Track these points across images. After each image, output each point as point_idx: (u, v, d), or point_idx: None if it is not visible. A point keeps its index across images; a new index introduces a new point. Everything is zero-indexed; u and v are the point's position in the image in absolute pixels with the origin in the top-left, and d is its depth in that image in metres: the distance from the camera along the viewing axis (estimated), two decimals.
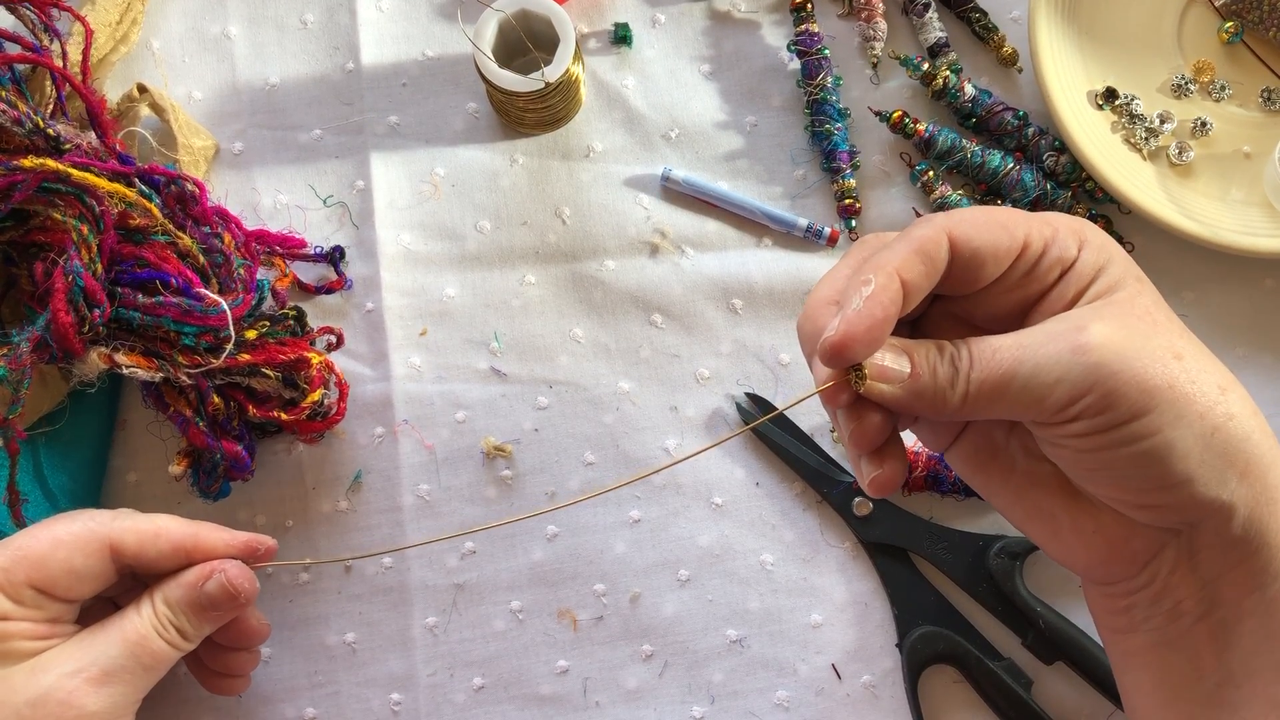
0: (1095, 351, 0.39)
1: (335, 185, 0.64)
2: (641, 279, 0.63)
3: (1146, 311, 0.41)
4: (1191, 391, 0.40)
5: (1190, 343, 0.42)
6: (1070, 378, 0.39)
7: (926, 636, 0.59)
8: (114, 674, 0.46)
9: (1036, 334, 0.40)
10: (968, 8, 0.65)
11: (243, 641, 0.52)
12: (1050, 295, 0.42)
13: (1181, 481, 0.40)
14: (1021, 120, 0.63)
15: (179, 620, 0.48)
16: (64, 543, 0.47)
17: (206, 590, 0.49)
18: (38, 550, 0.46)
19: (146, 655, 0.47)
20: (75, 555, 0.47)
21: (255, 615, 0.52)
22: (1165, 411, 0.39)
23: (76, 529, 0.47)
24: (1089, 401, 0.39)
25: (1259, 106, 0.64)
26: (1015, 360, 0.40)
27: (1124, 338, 0.40)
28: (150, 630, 0.48)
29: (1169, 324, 0.42)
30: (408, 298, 0.63)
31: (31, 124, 0.54)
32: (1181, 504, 0.41)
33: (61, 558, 0.46)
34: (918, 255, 0.41)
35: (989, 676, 0.58)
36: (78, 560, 0.47)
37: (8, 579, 0.46)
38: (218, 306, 0.55)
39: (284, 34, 0.66)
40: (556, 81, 0.60)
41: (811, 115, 0.64)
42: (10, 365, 0.52)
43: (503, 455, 0.62)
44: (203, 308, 0.54)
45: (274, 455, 0.62)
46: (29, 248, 0.56)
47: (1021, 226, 0.42)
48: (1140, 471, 0.40)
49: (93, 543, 0.47)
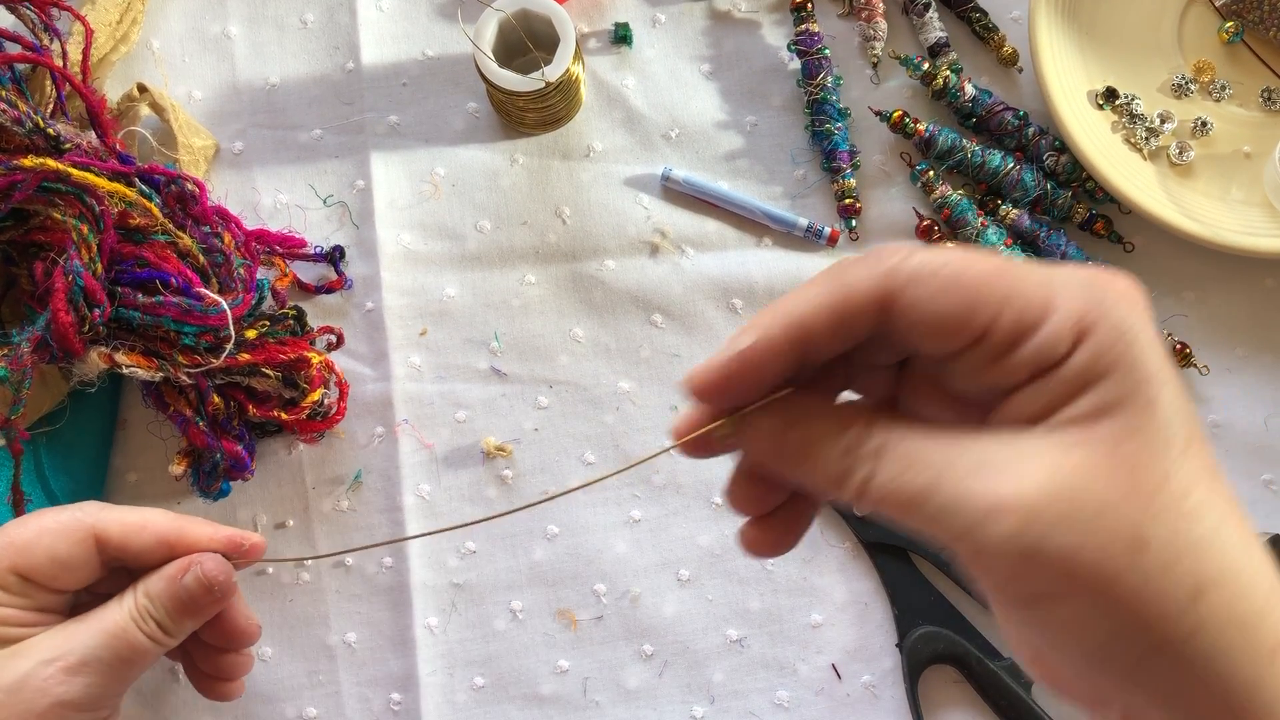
0: (1012, 516, 0.29)
1: (335, 185, 0.64)
2: (642, 279, 0.63)
3: (1136, 458, 0.30)
4: (1141, 596, 0.29)
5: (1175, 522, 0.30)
6: (980, 536, 0.29)
7: (926, 636, 0.59)
8: (91, 664, 0.46)
9: (969, 455, 0.30)
10: (968, 8, 0.65)
11: (231, 642, 0.52)
12: (1023, 393, 0.31)
13: (1111, 700, 0.31)
14: (1022, 120, 0.63)
15: (159, 613, 0.48)
16: (49, 530, 0.47)
17: (184, 583, 0.48)
18: (22, 537, 0.47)
19: (125, 648, 0.47)
20: (59, 543, 0.47)
21: (244, 614, 0.52)
22: (1099, 617, 0.29)
23: (63, 518, 0.47)
24: (1002, 573, 0.30)
25: (1259, 106, 0.64)
26: (928, 486, 0.30)
27: (1069, 502, 0.29)
28: (130, 622, 0.47)
29: (1162, 484, 0.30)
30: (408, 297, 0.63)
31: (31, 123, 0.54)
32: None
33: (46, 544, 0.46)
34: (830, 310, 0.32)
35: (989, 676, 0.58)
36: (61, 548, 0.47)
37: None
38: (218, 306, 0.55)
39: (284, 33, 0.66)
40: (556, 81, 0.60)
41: (812, 115, 0.64)
42: (11, 365, 0.52)
43: (503, 455, 0.62)
44: (203, 307, 0.54)
45: (274, 455, 0.62)
46: (29, 247, 0.56)
47: (995, 301, 0.31)
48: (1065, 665, 0.31)
49: (77, 531, 0.47)
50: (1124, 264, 0.63)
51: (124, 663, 0.47)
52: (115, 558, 0.48)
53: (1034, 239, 0.62)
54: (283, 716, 0.60)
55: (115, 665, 0.47)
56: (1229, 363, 0.63)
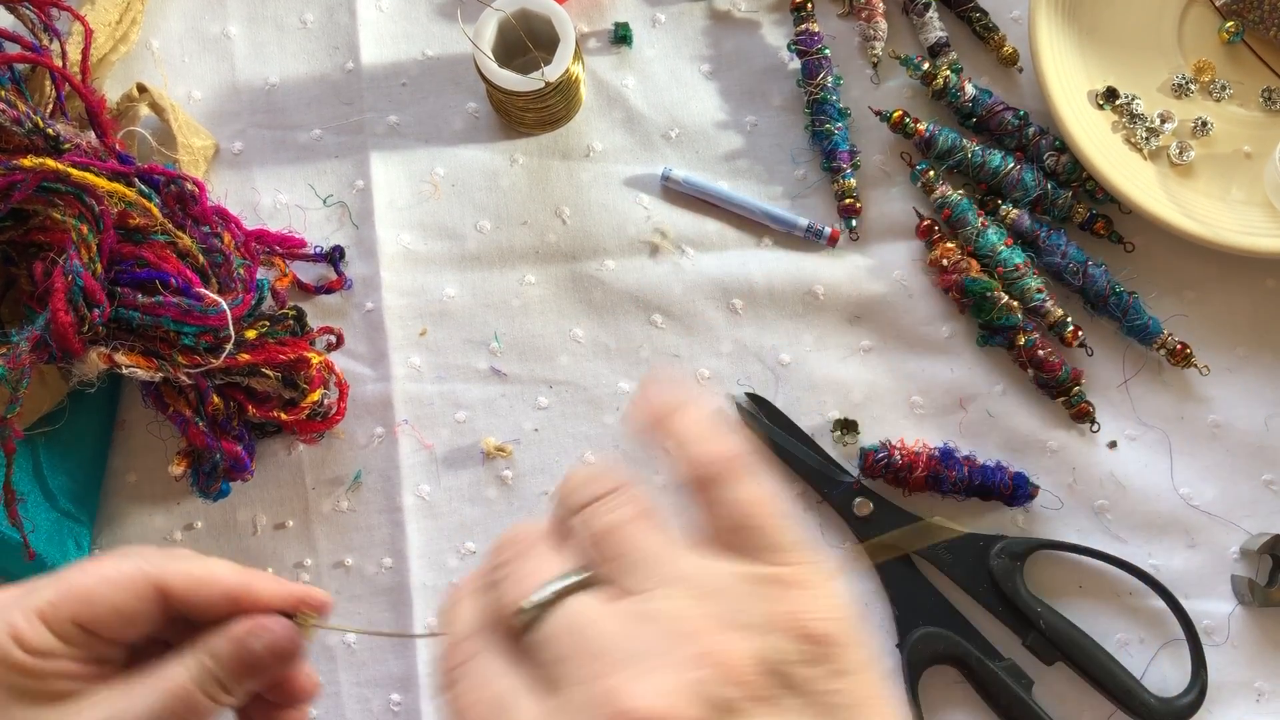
0: None
1: (335, 185, 0.64)
2: (641, 279, 0.63)
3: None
4: None
5: None
6: None
7: (927, 637, 0.59)
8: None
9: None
10: (968, 7, 0.65)
11: (290, 699, 0.49)
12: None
13: None
14: (1022, 120, 0.63)
15: (222, 675, 0.46)
16: (112, 581, 0.44)
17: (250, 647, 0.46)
18: (84, 586, 0.44)
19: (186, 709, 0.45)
20: (122, 595, 0.44)
21: (304, 672, 0.50)
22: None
23: (127, 569, 0.45)
24: None
25: (1259, 106, 0.64)
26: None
27: None
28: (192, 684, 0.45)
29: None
30: (408, 297, 0.63)
31: (31, 124, 0.54)
32: None
33: (108, 596, 0.44)
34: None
35: (989, 677, 0.58)
36: (124, 600, 0.44)
37: (54, 613, 0.44)
38: (217, 306, 0.55)
39: (284, 33, 0.66)
40: (556, 81, 0.60)
41: (812, 115, 0.64)
42: (9, 365, 0.51)
43: (503, 455, 0.62)
44: (202, 307, 0.54)
45: (274, 455, 0.62)
46: (28, 247, 0.56)
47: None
48: None
49: (142, 584, 0.45)
50: (1124, 264, 0.63)
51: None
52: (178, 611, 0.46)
53: (1034, 239, 0.62)
54: None
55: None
56: (1229, 363, 0.63)
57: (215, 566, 0.46)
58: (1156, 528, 0.61)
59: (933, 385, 0.62)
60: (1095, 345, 0.62)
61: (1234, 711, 0.60)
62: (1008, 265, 0.62)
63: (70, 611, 0.43)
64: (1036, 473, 0.61)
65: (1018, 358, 0.62)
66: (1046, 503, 0.61)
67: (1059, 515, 0.61)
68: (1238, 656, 0.60)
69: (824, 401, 0.62)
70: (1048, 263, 0.62)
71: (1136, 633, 0.60)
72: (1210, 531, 0.61)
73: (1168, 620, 0.60)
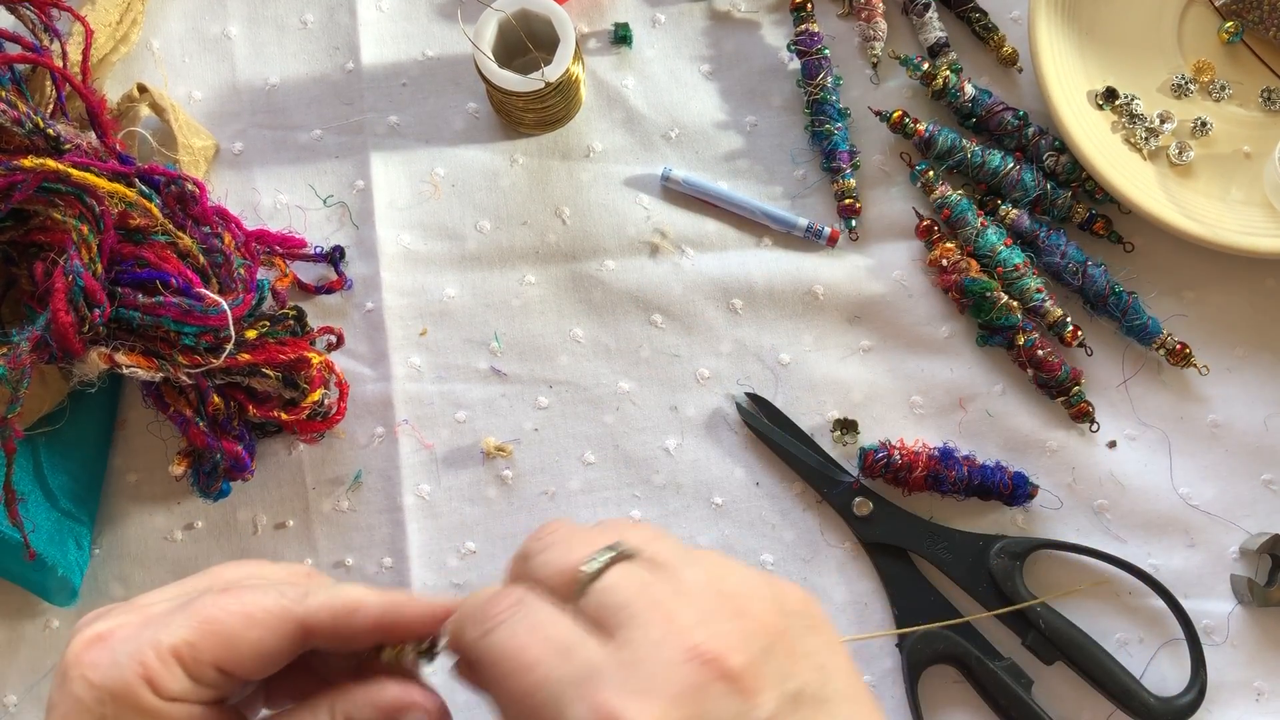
0: None
1: (335, 185, 0.64)
2: (641, 279, 0.63)
3: None
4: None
5: None
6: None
7: (927, 637, 0.59)
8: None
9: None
10: (968, 8, 0.65)
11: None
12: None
13: None
14: (1021, 120, 0.63)
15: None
16: (258, 622, 0.39)
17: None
18: (229, 628, 0.39)
19: None
20: (268, 638, 0.39)
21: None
22: None
23: (270, 606, 0.40)
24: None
25: (1259, 106, 0.64)
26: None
27: None
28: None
29: None
30: (408, 298, 0.63)
31: (31, 124, 0.54)
32: None
33: (253, 639, 0.39)
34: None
35: (989, 676, 0.58)
36: (268, 642, 0.39)
37: (192, 655, 0.38)
38: (218, 306, 0.55)
39: (284, 34, 0.66)
40: (556, 81, 0.60)
41: (811, 115, 0.64)
42: (10, 364, 0.51)
43: (503, 455, 0.62)
44: (203, 307, 0.54)
45: (274, 455, 0.62)
46: (29, 247, 0.56)
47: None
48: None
49: (287, 624, 0.40)
50: (1124, 264, 0.63)
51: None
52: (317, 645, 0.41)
53: (1034, 239, 0.62)
54: None
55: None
56: (1229, 363, 0.63)
57: (357, 595, 0.41)
58: (1156, 527, 0.61)
59: (933, 385, 0.62)
60: (1095, 345, 0.62)
61: (1233, 711, 0.60)
62: (1007, 265, 0.62)
63: (212, 655, 0.39)
64: (1036, 473, 0.61)
65: (1017, 358, 0.62)
66: (1046, 503, 0.61)
67: (1059, 515, 0.61)
68: (1237, 656, 0.60)
69: (824, 401, 0.62)
70: (1047, 263, 0.62)
71: (1136, 632, 0.60)
72: (1210, 531, 0.61)
73: (1167, 620, 0.60)
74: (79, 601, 0.60)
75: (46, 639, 0.60)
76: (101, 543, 0.61)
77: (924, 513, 0.61)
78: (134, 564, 0.61)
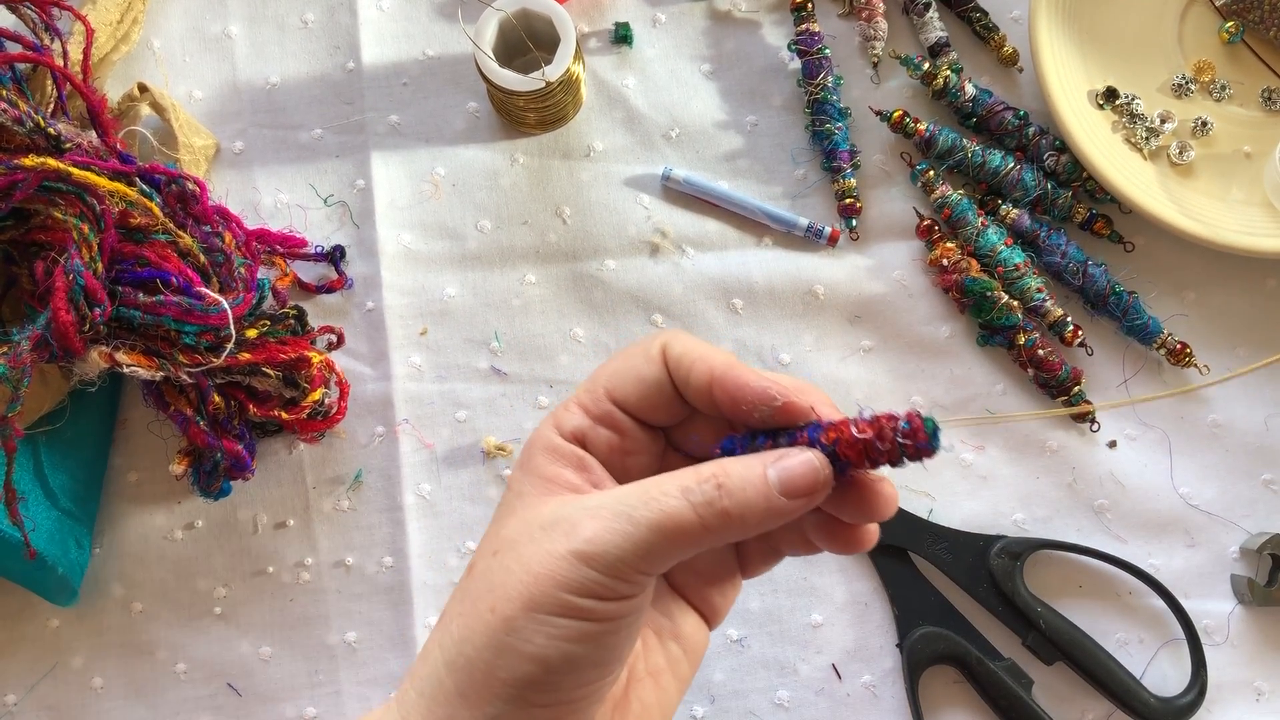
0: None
1: (336, 184, 0.64)
2: (642, 279, 0.63)
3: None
4: None
5: None
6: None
7: (927, 636, 0.59)
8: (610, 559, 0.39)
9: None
10: (968, 7, 0.65)
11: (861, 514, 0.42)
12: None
13: None
14: (1022, 120, 0.63)
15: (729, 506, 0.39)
16: (630, 350, 0.45)
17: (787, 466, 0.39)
18: (610, 364, 0.45)
19: (668, 522, 0.39)
20: (638, 360, 0.44)
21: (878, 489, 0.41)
22: None
23: (640, 340, 0.45)
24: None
25: (1259, 106, 0.64)
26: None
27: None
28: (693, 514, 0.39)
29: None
30: (408, 297, 0.63)
31: (32, 123, 0.54)
32: None
33: (628, 364, 0.44)
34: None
35: (989, 677, 0.58)
36: (640, 365, 0.44)
37: (591, 398, 0.44)
38: (218, 305, 0.55)
39: (284, 33, 0.66)
40: (557, 81, 0.60)
41: (812, 115, 0.64)
42: (10, 364, 0.51)
43: (503, 455, 0.62)
44: (203, 307, 0.54)
45: (274, 454, 0.62)
46: (30, 247, 0.56)
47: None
48: None
49: (653, 347, 0.44)
50: (1124, 263, 0.63)
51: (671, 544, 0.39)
52: (678, 384, 0.43)
53: (1034, 239, 0.62)
54: (283, 716, 0.60)
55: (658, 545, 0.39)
56: (1229, 363, 0.63)
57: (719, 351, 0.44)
58: (1156, 527, 0.61)
59: (933, 385, 0.62)
60: (1095, 345, 0.62)
61: (1234, 711, 0.60)
62: (1008, 265, 0.62)
63: (602, 387, 0.44)
64: (1036, 473, 0.61)
65: (1018, 358, 0.62)
66: (1046, 502, 0.61)
67: (1059, 515, 0.61)
68: (1237, 656, 0.60)
69: None
70: (1048, 262, 0.62)
71: (1136, 633, 0.60)
72: (1210, 531, 0.61)
73: (1168, 620, 0.60)
74: (79, 601, 0.60)
75: (46, 639, 0.60)
76: (101, 542, 0.61)
77: (924, 513, 0.61)
78: (134, 563, 0.61)
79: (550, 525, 0.40)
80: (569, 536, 0.39)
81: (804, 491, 0.39)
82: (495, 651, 0.39)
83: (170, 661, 0.60)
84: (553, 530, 0.40)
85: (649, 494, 0.40)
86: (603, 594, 0.39)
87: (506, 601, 0.40)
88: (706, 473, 0.40)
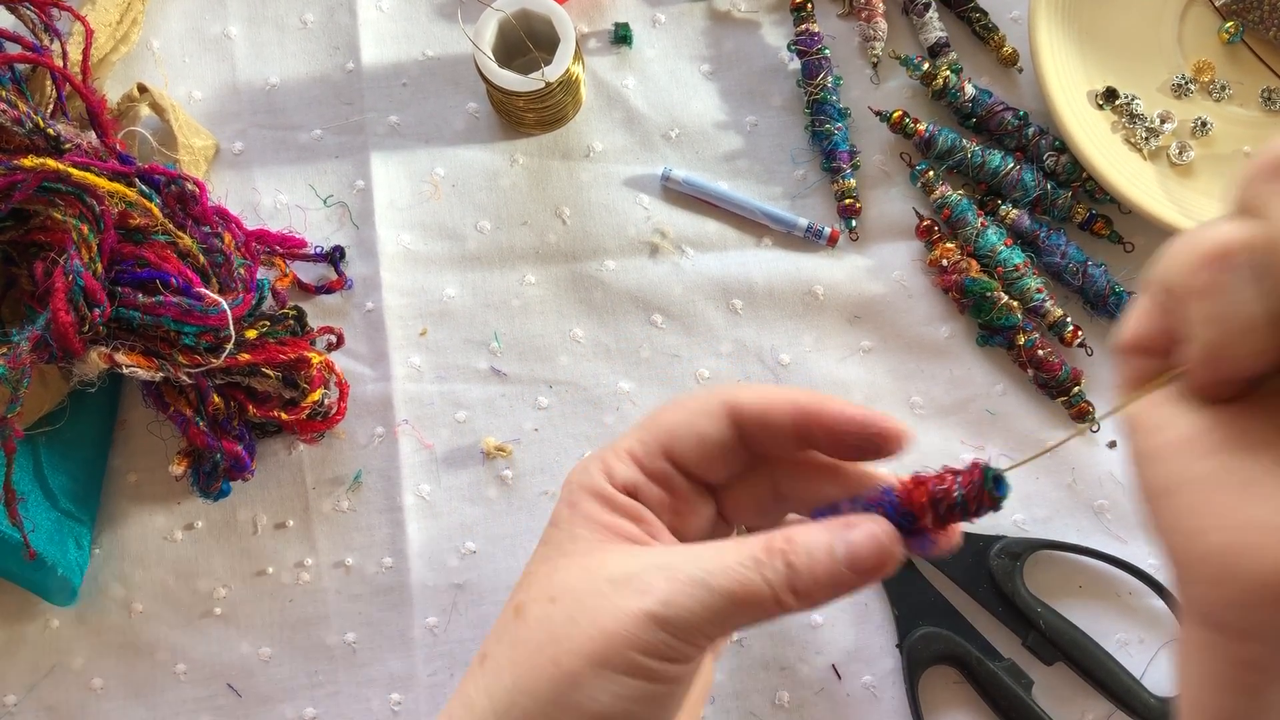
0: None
1: (335, 185, 0.64)
2: (641, 279, 0.63)
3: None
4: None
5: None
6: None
7: (927, 637, 0.59)
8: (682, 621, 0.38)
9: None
10: (968, 8, 0.65)
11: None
12: None
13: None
14: (1021, 120, 0.63)
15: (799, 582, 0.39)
16: (689, 408, 0.44)
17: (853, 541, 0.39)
18: (669, 416, 0.44)
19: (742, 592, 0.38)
20: (700, 419, 0.43)
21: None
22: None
23: (701, 394, 0.44)
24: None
25: (1259, 106, 0.64)
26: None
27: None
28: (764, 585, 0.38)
29: None
30: (408, 297, 0.63)
31: (32, 124, 0.54)
32: None
33: (688, 421, 0.43)
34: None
35: (989, 677, 0.58)
36: (703, 424, 0.43)
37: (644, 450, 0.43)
38: (218, 306, 0.55)
39: (284, 34, 0.66)
40: (557, 81, 0.60)
41: (812, 115, 0.64)
42: (9, 364, 0.51)
43: (503, 455, 0.62)
44: (203, 307, 0.54)
45: (274, 455, 0.62)
46: (29, 247, 0.56)
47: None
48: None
49: (716, 405, 0.43)
50: (1124, 264, 0.63)
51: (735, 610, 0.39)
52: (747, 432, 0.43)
53: (1034, 239, 0.62)
54: (282, 716, 0.60)
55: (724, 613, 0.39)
56: None
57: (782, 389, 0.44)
58: None
59: (933, 385, 0.62)
60: (1095, 345, 0.62)
61: None
62: (1007, 265, 0.62)
63: (658, 442, 0.43)
64: (1036, 473, 0.61)
65: (1018, 358, 0.62)
66: (1046, 503, 0.61)
67: (1059, 515, 0.61)
68: None
69: None
70: (1047, 263, 0.62)
71: (1136, 633, 0.60)
72: None
73: (1168, 620, 0.60)
74: (79, 601, 0.60)
75: (46, 639, 0.60)
76: (101, 543, 0.61)
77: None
78: (134, 564, 0.61)
79: (621, 581, 0.39)
80: (643, 596, 0.38)
81: (870, 567, 0.39)
82: (558, 707, 0.39)
83: (170, 662, 0.60)
84: (624, 587, 0.39)
85: (725, 561, 0.39)
86: (673, 657, 0.39)
87: (571, 656, 0.39)
88: (777, 546, 0.39)
